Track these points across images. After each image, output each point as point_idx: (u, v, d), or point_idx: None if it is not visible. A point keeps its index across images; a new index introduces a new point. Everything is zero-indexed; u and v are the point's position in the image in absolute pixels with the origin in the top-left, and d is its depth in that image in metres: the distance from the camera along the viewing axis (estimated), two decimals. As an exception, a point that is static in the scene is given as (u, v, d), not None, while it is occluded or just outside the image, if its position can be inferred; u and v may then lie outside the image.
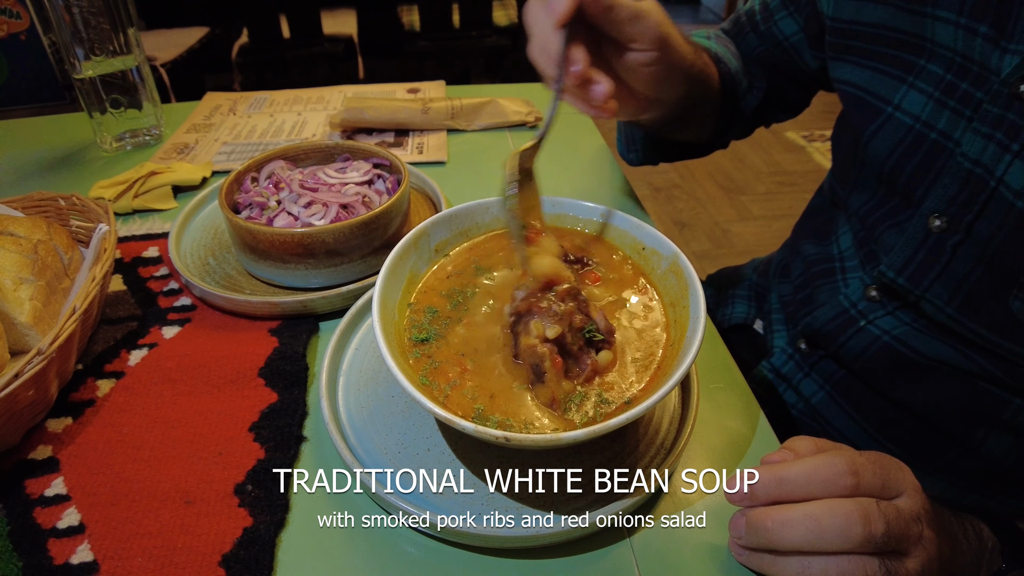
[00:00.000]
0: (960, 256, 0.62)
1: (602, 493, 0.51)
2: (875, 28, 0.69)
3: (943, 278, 0.64)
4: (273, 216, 0.73)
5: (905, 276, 0.67)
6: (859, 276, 0.76)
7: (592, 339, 0.53)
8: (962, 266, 0.63)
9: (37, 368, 0.51)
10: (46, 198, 0.75)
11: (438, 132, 1.12)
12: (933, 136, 0.64)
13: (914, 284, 0.66)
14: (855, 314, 0.73)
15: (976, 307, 0.62)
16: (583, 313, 0.53)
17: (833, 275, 0.81)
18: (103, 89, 1.01)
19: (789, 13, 0.84)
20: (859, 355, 0.73)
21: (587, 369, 0.52)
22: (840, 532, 0.43)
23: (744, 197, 3.27)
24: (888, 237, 0.71)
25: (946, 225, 0.63)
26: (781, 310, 0.90)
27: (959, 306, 0.63)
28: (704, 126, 0.91)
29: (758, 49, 0.89)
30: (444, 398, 0.51)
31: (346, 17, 3.73)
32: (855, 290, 0.73)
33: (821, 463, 0.46)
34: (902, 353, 0.70)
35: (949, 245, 0.63)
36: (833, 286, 0.80)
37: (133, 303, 0.72)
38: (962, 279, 0.63)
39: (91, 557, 0.47)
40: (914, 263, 0.66)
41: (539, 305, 0.53)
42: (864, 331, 0.72)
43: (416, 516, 0.48)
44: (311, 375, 0.63)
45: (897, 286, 0.68)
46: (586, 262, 0.62)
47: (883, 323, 0.71)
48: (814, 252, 0.85)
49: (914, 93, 0.66)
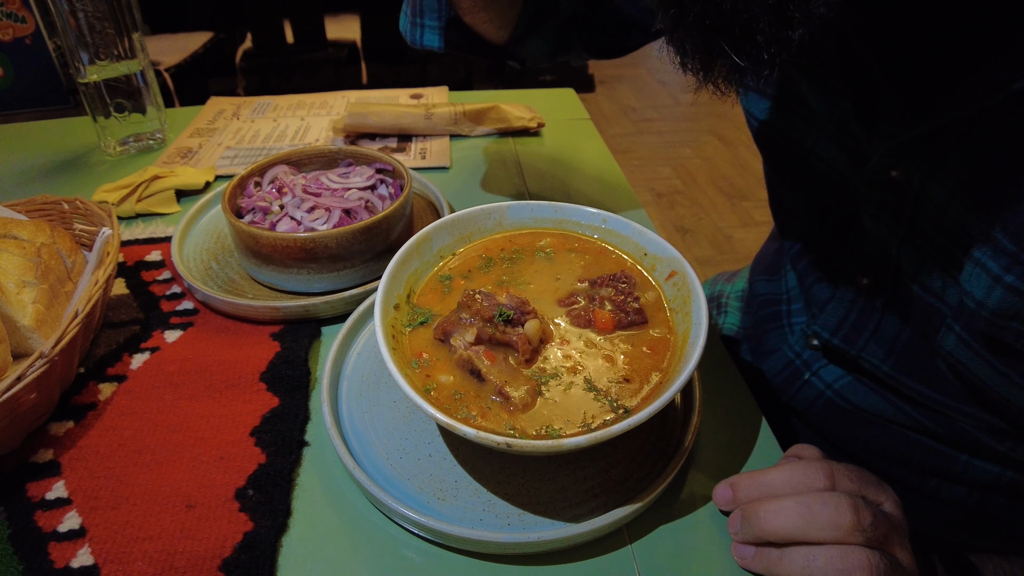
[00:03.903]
0: (888, 316, 0.61)
1: (604, 499, 0.51)
2: None
3: (877, 336, 0.63)
4: (276, 221, 0.74)
5: (840, 337, 0.65)
6: (802, 323, 0.75)
7: (509, 319, 0.54)
8: (892, 327, 0.61)
9: (40, 371, 0.51)
10: (50, 201, 0.75)
11: (441, 137, 1.13)
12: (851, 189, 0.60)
13: (849, 344, 0.65)
14: (800, 365, 0.72)
15: (911, 365, 0.61)
16: (490, 303, 0.55)
17: (780, 319, 0.79)
18: (107, 93, 1.01)
19: None
20: (807, 408, 0.73)
21: (521, 343, 0.53)
22: (830, 519, 0.43)
23: (747, 203, 3.27)
24: (818, 290, 0.69)
25: (873, 283, 0.61)
26: (747, 341, 0.90)
27: (895, 364, 0.62)
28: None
29: None
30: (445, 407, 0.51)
31: (350, 22, 3.75)
32: (798, 339, 0.73)
33: (797, 468, 0.48)
34: (845, 408, 0.69)
35: (878, 304, 0.61)
36: (780, 331, 0.78)
37: (136, 307, 0.72)
38: (894, 338, 0.61)
39: (91, 561, 0.47)
40: (848, 323, 0.64)
41: (452, 321, 0.55)
42: (809, 384, 0.71)
43: (417, 522, 0.48)
44: (313, 380, 0.63)
45: (833, 346, 0.67)
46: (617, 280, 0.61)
47: (826, 374, 0.70)
48: (764, 291, 0.84)
49: (824, 140, 0.61)
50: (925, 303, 0.55)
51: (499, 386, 0.50)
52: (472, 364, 0.52)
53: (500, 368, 0.52)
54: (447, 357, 0.54)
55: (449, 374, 0.53)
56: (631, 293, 0.58)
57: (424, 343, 0.55)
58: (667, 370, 0.53)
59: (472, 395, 0.51)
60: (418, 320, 0.57)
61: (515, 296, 0.56)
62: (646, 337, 0.56)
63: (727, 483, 0.50)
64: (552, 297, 0.60)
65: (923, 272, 0.54)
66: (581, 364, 0.53)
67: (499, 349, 0.54)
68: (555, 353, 0.54)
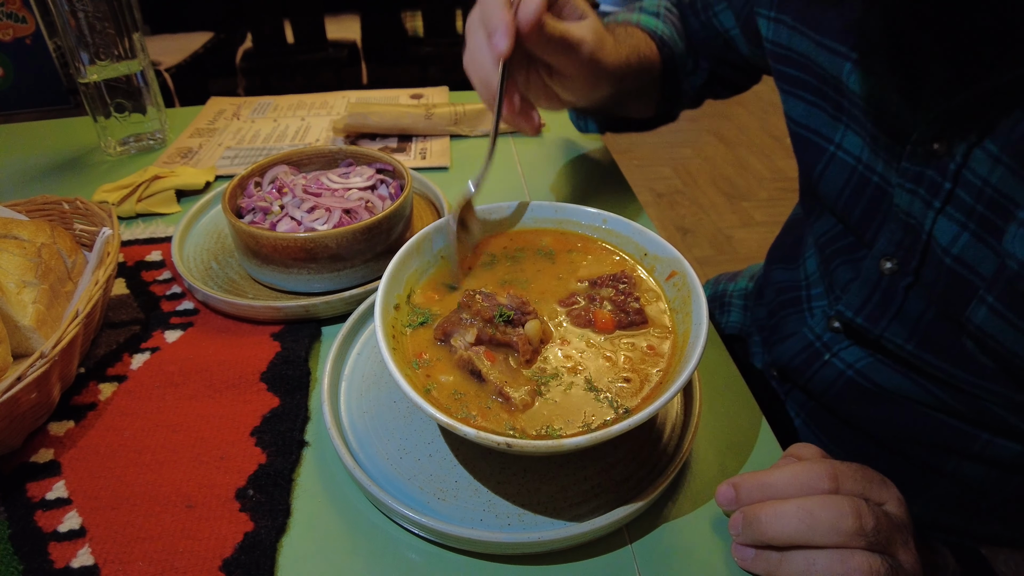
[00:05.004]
0: (912, 298, 0.62)
1: (604, 499, 0.51)
2: (804, 58, 0.68)
3: (900, 318, 0.63)
4: (276, 221, 0.74)
5: (863, 316, 0.66)
6: (823, 306, 0.76)
7: (509, 319, 0.54)
8: (915, 308, 0.62)
9: (40, 371, 0.51)
10: (50, 201, 0.75)
11: (441, 137, 1.13)
12: (875, 179, 0.63)
13: (872, 324, 0.65)
14: (820, 347, 0.72)
15: (935, 344, 0.62)
16: (490, 304, 0.55)
17: (799, 304, 0.80)
18: (108, 93, 1.01)
19: (728, 6, 0.84)
20: (826, 388, 0.73)
21: (521, 343, 0.53)
22: (832, 524, 0.43)
23: (746, 203, 3.27)
24: (842, 272, 0.71)
25: (897, 268, 0.62)
26: (758, 332, 0.90)
27: (918, 344, 0.63)
28: (645, 106, 0.94)
29: (700, 34, 0.90)
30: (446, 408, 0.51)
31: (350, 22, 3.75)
32: (819, 321, 0.73)
33: (800, 469, 0.48)
34: (866, 387, 0.69)
35: (901, 287, 0.62)
36: (799, 316, 0.79)
37: (136, 307, 0.72)
38: (917, 319, 0.62)
39: (92, 561, 0.47)
40: (871, 304, 0.65)
41: (452, 321, 0.55)
42: (830, 365, 0.72)
43: (417, 522, 0.48)
44: (313, 380, 0.63)
45: (856, 325, 0.67)
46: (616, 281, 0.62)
47: (847, 355, 0.70)
48: (782, 279, 0.85)
49: (851, 134, 0.65)
50: (956, 277, 0.56)
51: (499, 387, 0.50)
52: (472, 365, 0.52)
53: (500, 369, 0.52)
54: (447, 357, 0.54)
55: (449, 374, 0.53)
56: (631, 293, 0.58)
57: (424, 343, 0.56)
58: (667, 370, 0.53)
59: (472, 395, 0.51)
60: (418, 320, 0.57)
61: (516, 296, 0.56)
62: (646, 337, 0.56)
63: (730, 483, 0.50)
64: (552, 297, 0.60)
65: (957, 244, 0.55)
66: (581, 364, 0.53)
67: (499, 350, 0.54)
68: (555, 353, 0.54)
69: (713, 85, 0.94)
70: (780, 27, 0.71)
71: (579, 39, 0.65)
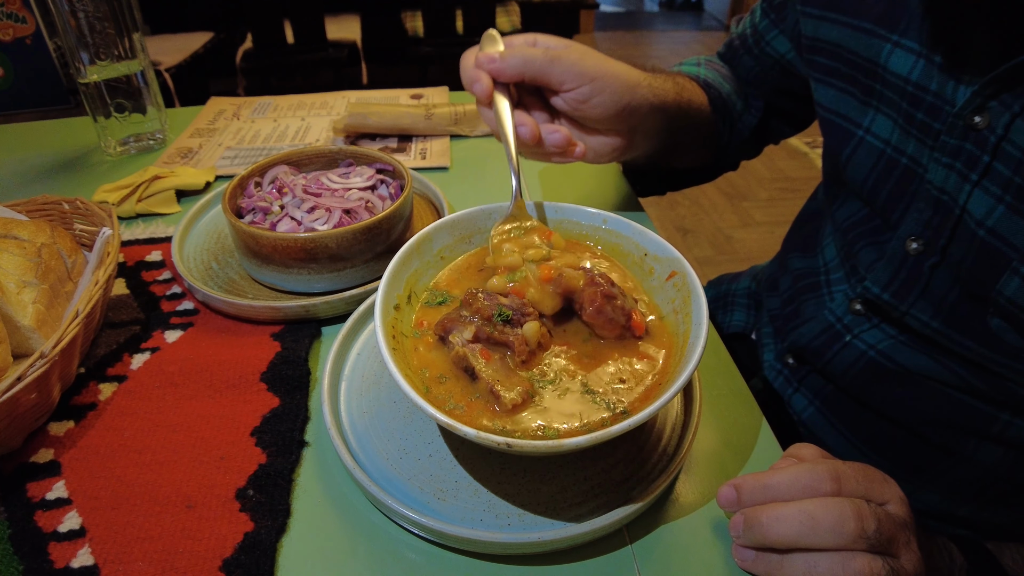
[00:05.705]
0: (938, 277, 0.63)
1: (604, 499, 0.51)
2: (833, 46, 0.70)
3: (925, 296, 0.64)
4: (276, 221, 0.74)
5: (890, 292, 0.67)
6: (843, 289, 0.76)
7: (508, 319, 0.54)
8: (941, 286, 0.63)
9: (40, 371, 0.51)
10: (50, 201, 0.75)
11: (441, 138, 1.13)
12: (904, 161, 0.64)
13: (899, 300, 0.66)
14: (840, 329, 0.73)
15: (960, 322, 0.62)
16: (491, 303, 0.55)
17: (819, 288, 0.81)
18: (108, 93, 1.01)
19: (780, 31, 0.86)
20: (846, 370, 0.73)
21: (518, 343, 0.53)
22: (833, 527, 0.43)
23: (747, 203, 3.27)
24: (865, 254, 0.71)
25: (923, 248, 0.63)
26: (770, 323, 0.90)
27: (944, 321, 0.63)
28: (700, 152, 0.93)
29: (755, 70, 0.91)
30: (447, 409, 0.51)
31: (350, 23, 3.75)
32: (840, 304, 0.73)
33: (803, 470, 0.48)
34: (888, 368, 0.69)
35: (927, 266, 0.63)
36: (819, 300, 0.80)
37: (136, 307, 0.72)
38: (943, 297, 0.63)
39: (92, 561, 0.47)
40: (897, 281, 0.66)
41: (452, 318, 0.55)
42: (850, 346, 0.72)
43: (417, 522, 0.48)
44: (313, 380, 0.63)
45: (882, 302, 0.68)
46: None
47: (868, 337, 0.71)
48: (801, 266, 0.85)
49: (881, 117, 0.66)
50: (988, 250, 0.56)
51: (490, 385, 0.50)
52: (466, 361, 0.52)
53: (495, 368, 0.52)
54: (445, 356, 0.54)
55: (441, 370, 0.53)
56: (631, 294, 0.58)
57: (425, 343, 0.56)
58: (667, 370, 0.53)
59: (459, 392, 0.51)
60: (437, 300, 0.58)
61: (517, 297, 0.56)
62: (646, 338, 0.56)
63: (731, 484, 0.49)
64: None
65: (992, 217, 0.56)
66: (581, 365, 0.53)
67: (497, 349, 0.54)
68: (555, 354, 0.54)
69: (770, 122, 0.94)
70: (807, 21, 0.73)
71: (559, 52, 0.66)
